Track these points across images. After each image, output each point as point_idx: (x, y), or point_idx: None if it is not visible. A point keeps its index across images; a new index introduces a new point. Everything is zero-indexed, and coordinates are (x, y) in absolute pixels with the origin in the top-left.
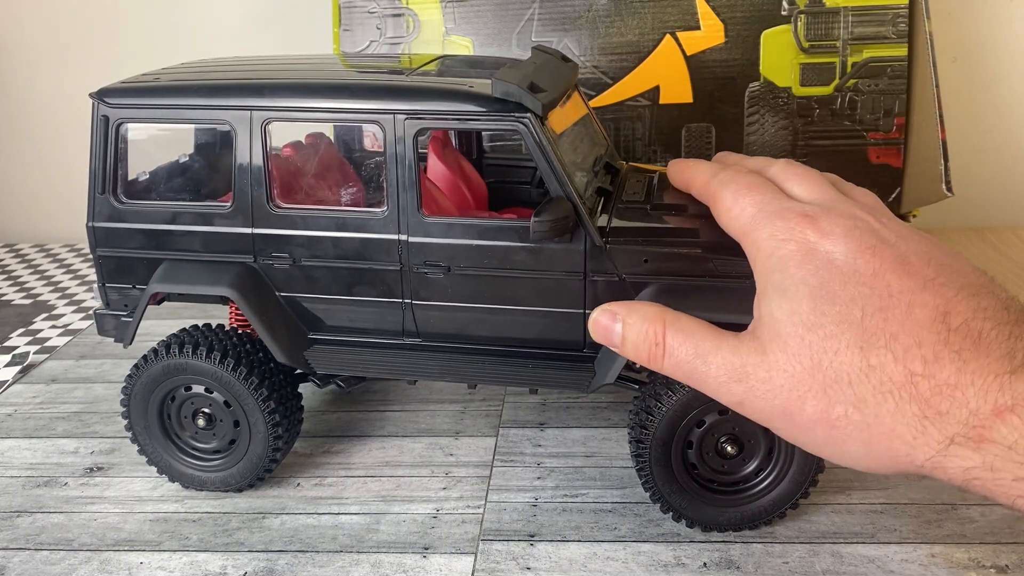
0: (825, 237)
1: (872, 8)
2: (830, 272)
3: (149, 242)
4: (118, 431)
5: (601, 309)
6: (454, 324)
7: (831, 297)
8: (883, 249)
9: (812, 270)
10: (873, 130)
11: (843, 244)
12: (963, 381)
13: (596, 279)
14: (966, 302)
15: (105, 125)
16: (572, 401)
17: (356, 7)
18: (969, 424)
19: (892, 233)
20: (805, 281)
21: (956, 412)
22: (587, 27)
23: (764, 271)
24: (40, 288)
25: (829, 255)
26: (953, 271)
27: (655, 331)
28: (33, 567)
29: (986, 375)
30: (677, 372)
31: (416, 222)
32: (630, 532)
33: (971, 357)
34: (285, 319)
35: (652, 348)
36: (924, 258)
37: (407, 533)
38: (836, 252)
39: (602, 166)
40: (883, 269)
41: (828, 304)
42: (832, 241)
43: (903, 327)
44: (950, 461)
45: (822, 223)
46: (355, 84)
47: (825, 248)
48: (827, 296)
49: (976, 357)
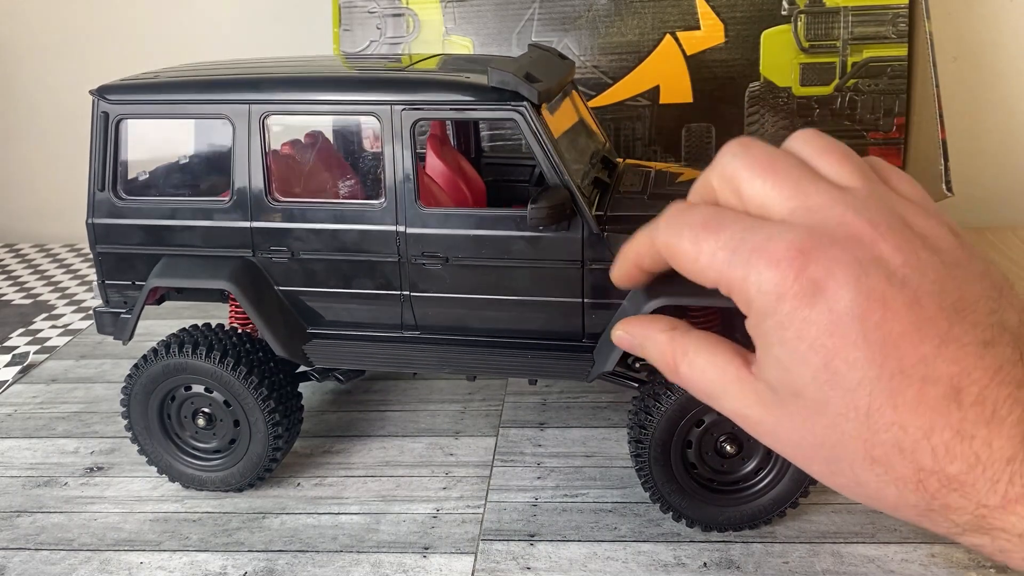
0: (826, 283)
1: (872, 8)
2: (834, 343)
3: (148, 238)
4: (118, 431)
5: (619, 327)
6: (452, 315)
7: (836, 380)
8: (895, 298)
9: (814, 343)
10: (873, 130)
11: (847, 293)
12: (973, 476)
13: (594, 267)
14: (982, 362)
15: (105, 121)
16: (572, 401)
17: (356, 7)
18: (977, 515)
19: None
20: (807, 362)
21: (965, 506)
22: (587, 27)
23: (761, 334)
24: (40, 288)
25: (832, 312)
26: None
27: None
28: (33, 567)
29: (996, 463)
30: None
31: (414, 213)
32: (630, 532)
33: (983, 444)
34: (284, 313)
35: (668, 371)
36: (938, 296)
37: (407, 533)
38: (841, 304)
39: (599, 160)
40: (895, 332)
41: (832, 388)
42: (832, 288)
43: (914, 413)
44: (958, 539)
45: (820, 262)
46: (352, 77)
47: (827, 300)
48: (831, 379)
49: (989, 442)
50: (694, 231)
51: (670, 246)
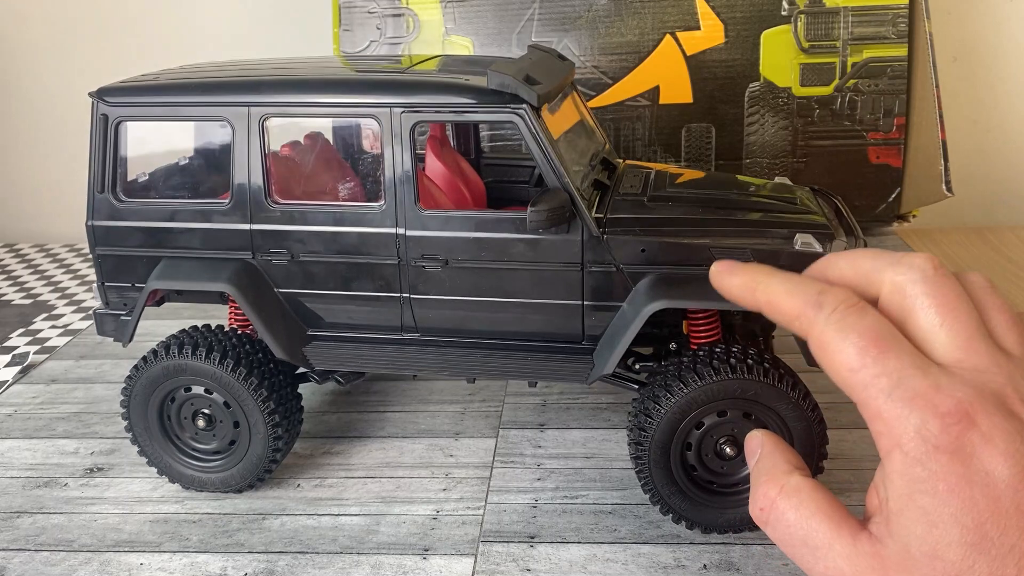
0: (985, 449)
1: (872, 8)
2: (988, 506)
3: (148, 240)
4: (118, 432)
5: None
6: (452, 318)
7: (985, 545)
8: None
9: (968, 502)
10: (873, 130)
11: (1006, 464)
12: None
13: (593, 270)
14: None
15: (104, 124)
16: (572, 402)
17: (356, 7)
18: None
19: None
20: (957, 519)
21: None
22: (587, 27)
23: (908, 481)
24: (40, 288)
25: (989, 477)
26: None
27: (767, 496)
28: (33, 568)
29: None
30: (779, 537)
31: (413, 215)
32: (630, 534)
33: None
34: (283, 315)
35: (758, 510)
36: None
37: (407, 534)
38: (998, 473)
39: (599, 162)
40: None
41: (980, 554)
42: (991, 455)
43: None
44: None
45: (983, 426)
46: (352, 79)
47: (984, 465)
48: (981, 543)
49: None
50: (864, 341)
51: (828, 342)
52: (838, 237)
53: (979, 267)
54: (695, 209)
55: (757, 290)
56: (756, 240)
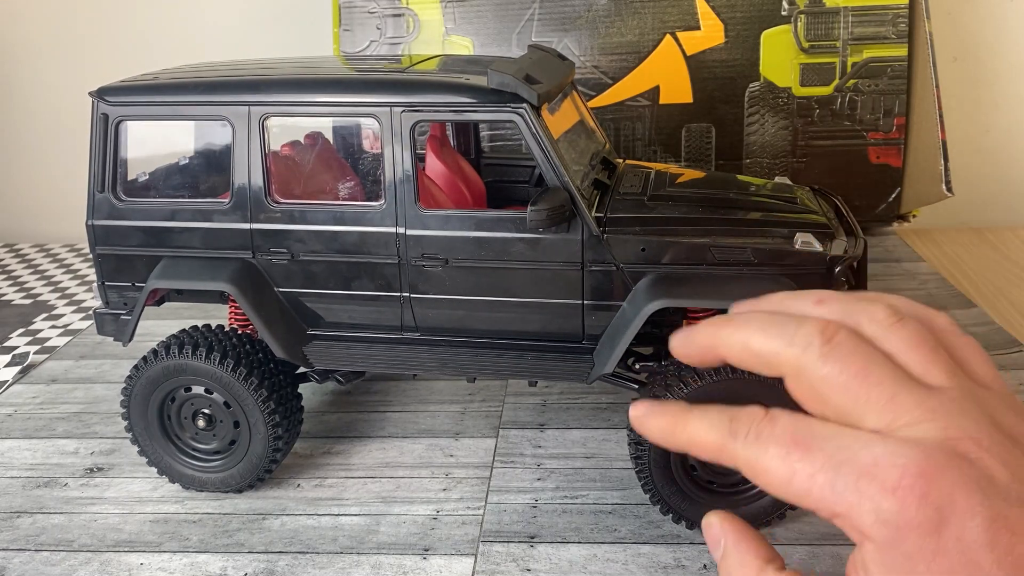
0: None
1: (872, 8)
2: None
3: (148, 239)
4: (118, 431)
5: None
6: (452, 317)
7: None
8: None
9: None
10: (873, 130)
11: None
12: None
13: (594, 269)
14: None
15: (105, 123)
16: (572, 402)
17: (356, 7)
18: None
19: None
20: None
21: None
22: (587, 27)
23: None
24: (40, 288)
25: (962, 543)
26: None
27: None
28: (33, 568)
29: None
30: None
31: (413, 215)
32: (630, 534)
33: None
34: (284, 315)
35: None
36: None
37: (407, 534)
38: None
39: (599, 161)
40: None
41: None
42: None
43: None
44: None
45: (938, 487)
46: (352, 78)
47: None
48: None
49: None
50: (783, 448)
51: (755, 465)
52: (838, 237)
53: (979, 267)
54: (695, 208)
55: (675, 432)
56: (756, 239)
